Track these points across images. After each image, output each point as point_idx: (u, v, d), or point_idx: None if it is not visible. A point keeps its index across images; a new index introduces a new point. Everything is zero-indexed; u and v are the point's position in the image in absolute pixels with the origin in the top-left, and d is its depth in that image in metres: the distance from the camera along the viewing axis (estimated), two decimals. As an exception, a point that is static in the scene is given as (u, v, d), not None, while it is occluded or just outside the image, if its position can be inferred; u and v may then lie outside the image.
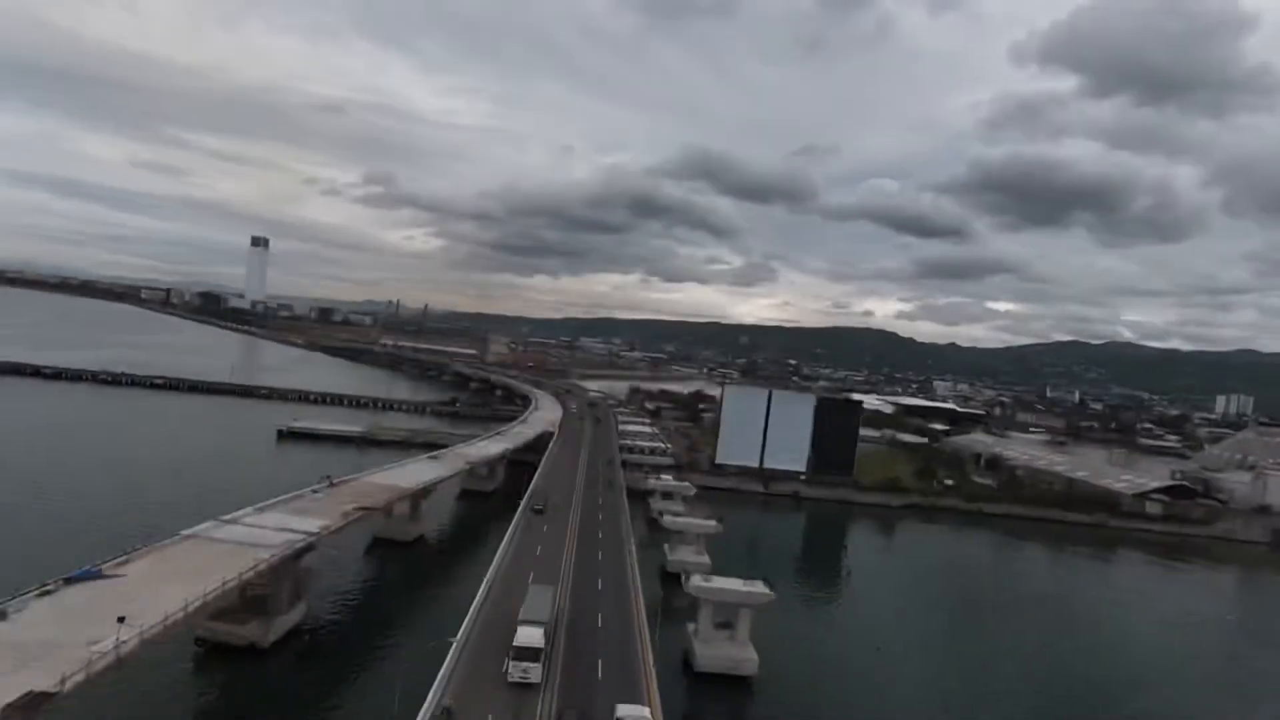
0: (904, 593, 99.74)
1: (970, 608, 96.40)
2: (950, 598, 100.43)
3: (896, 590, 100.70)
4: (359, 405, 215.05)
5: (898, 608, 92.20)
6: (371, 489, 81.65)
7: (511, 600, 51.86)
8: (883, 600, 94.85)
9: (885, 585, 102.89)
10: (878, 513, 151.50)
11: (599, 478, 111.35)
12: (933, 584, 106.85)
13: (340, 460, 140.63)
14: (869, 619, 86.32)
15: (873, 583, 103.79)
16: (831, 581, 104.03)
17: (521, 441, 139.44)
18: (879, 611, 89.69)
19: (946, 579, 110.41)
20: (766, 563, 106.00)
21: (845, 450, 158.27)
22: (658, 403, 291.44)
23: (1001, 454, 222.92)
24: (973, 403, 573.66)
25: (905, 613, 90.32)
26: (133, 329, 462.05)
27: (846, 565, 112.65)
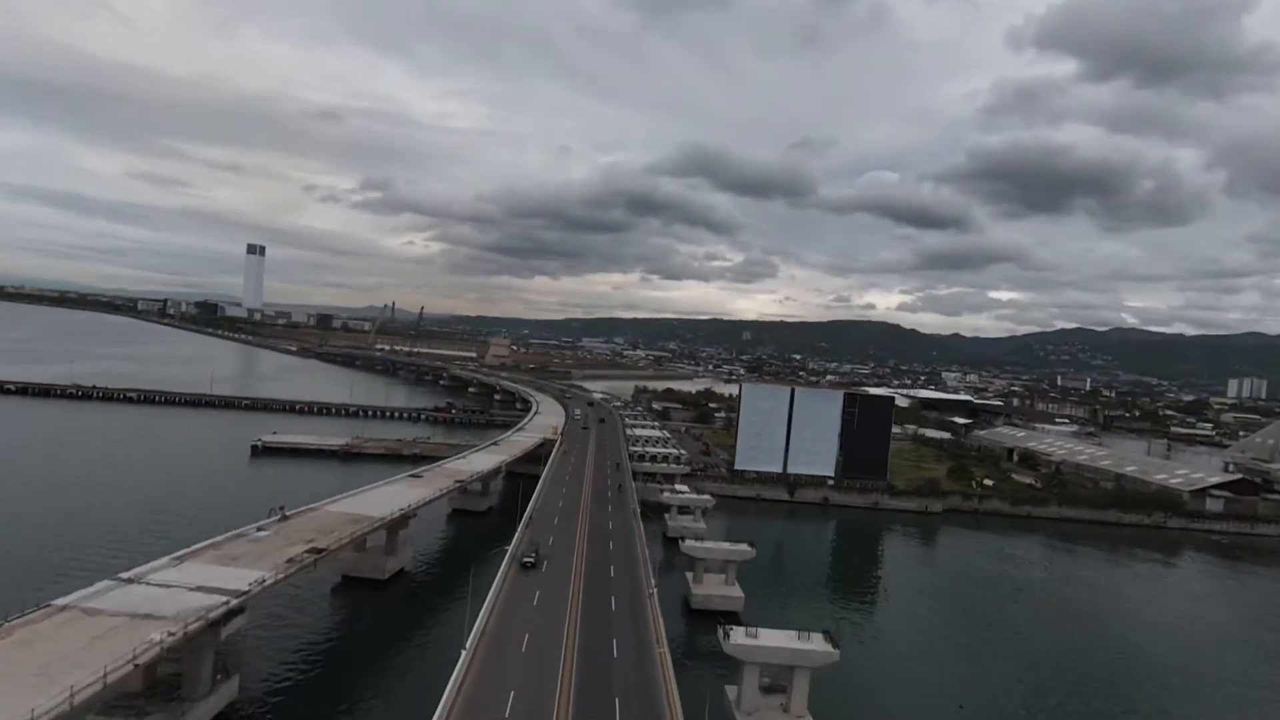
0: (968, 621, 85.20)
1: (1052, 643, 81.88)
2: (1022, 626, 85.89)
3: (959, 617, 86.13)
4: (348, 414, 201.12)
5: (965, 643, 77.73)
6: (334, 521, 67.41)
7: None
8: (947, 633, 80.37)
9: (945, 612, 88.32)
10: (915, 519, 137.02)
11: (607, 495, 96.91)
12: (998, 607, 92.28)
13: (319, 476, 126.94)
14: (938, 662, 71.87)
15: (932, 609, 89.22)
16: (883, 610, 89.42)
17: (520, 451, 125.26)
18: (947, 651, 75.24)
19: (1010, 599, 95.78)
20: (801, 587, 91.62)
21: (877, 451, 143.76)
22: (665, 403, 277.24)
23: (1035, 448, 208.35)
24: (985, 393, 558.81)
25: (976, 652, 75.83)
26: (124, 340, 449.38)
27: (893, 585, 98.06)
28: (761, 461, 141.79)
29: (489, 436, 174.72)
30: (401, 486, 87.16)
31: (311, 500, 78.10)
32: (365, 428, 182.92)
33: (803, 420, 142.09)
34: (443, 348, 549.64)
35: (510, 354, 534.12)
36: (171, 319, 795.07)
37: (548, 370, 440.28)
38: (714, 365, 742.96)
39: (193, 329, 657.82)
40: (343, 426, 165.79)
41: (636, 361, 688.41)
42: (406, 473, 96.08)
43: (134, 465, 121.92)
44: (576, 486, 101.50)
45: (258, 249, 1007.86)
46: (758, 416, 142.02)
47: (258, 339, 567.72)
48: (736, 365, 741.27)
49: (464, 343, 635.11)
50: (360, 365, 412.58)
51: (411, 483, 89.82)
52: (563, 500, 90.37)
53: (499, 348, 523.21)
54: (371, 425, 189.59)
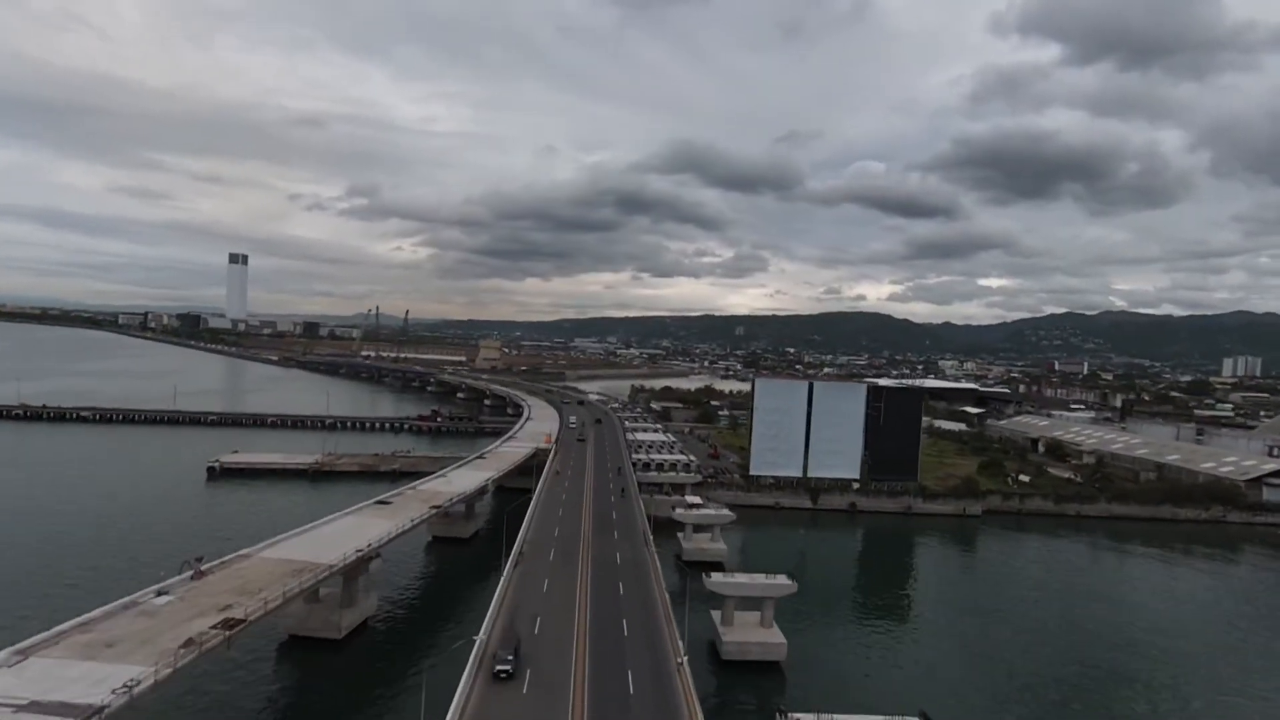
0: (1050, 652, 71.17)
1: (1139, 671, 67.94)
2: (1102, 653, 71.85)
3: (1039, 647, 72.06)
4: (323, 427, 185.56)
5: (1054, 679, 63.64)
6: (267, 573, 52.74)
7: None
8: (1032, 675, 66.26)
9: (1020, 643, 74.25)
10: (952, 524, 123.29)
11: (611, 517, 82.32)
12: (1069, 630, 78.17)
13: (282, 502, 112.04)
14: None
15: (1000, 638, 75.08)
16: (944, 641, 75.27)
17: (509, 465, 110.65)
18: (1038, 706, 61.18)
19: (1080, 616, 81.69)
20: (849, 621, 77.31)
21: (906, 450, 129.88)
22: (664, 402, 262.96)
23: (1062, 438, 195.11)
24: (986, 381, 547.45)
25: (1063, 700, 61.77)
26: (96, 356, 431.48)
27: (954, 610, 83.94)
28: (779, 465, 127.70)
29: (478, 446, 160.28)
30: (365, 517, 72.43)
31: (267, 534, 63.81)
32: (342, 441, 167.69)
33: (823, 418, 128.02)
34: (432, 352, 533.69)
35: (501, 356, 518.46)
36: (153, 332, 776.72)
37: (540, 372, 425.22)
38: (709, 362, 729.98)
39: (173, 342, 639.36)
40: (316, 441, 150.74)
41: (631, 360, 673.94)
42: (375, 498, 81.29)
43: (64, 497, 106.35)
44: (575, 507, 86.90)
45: (240, 258, 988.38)
46: (773, 415, 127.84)
47: (240, 350, 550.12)
48: (733, 361, 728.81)
49: (453, 347, 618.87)
50: (345, 374, 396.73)
51: (378, 512, 75.09)
52: (559, 526, 75.86)
53: (489, 350, 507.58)
54: (349, 438, 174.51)
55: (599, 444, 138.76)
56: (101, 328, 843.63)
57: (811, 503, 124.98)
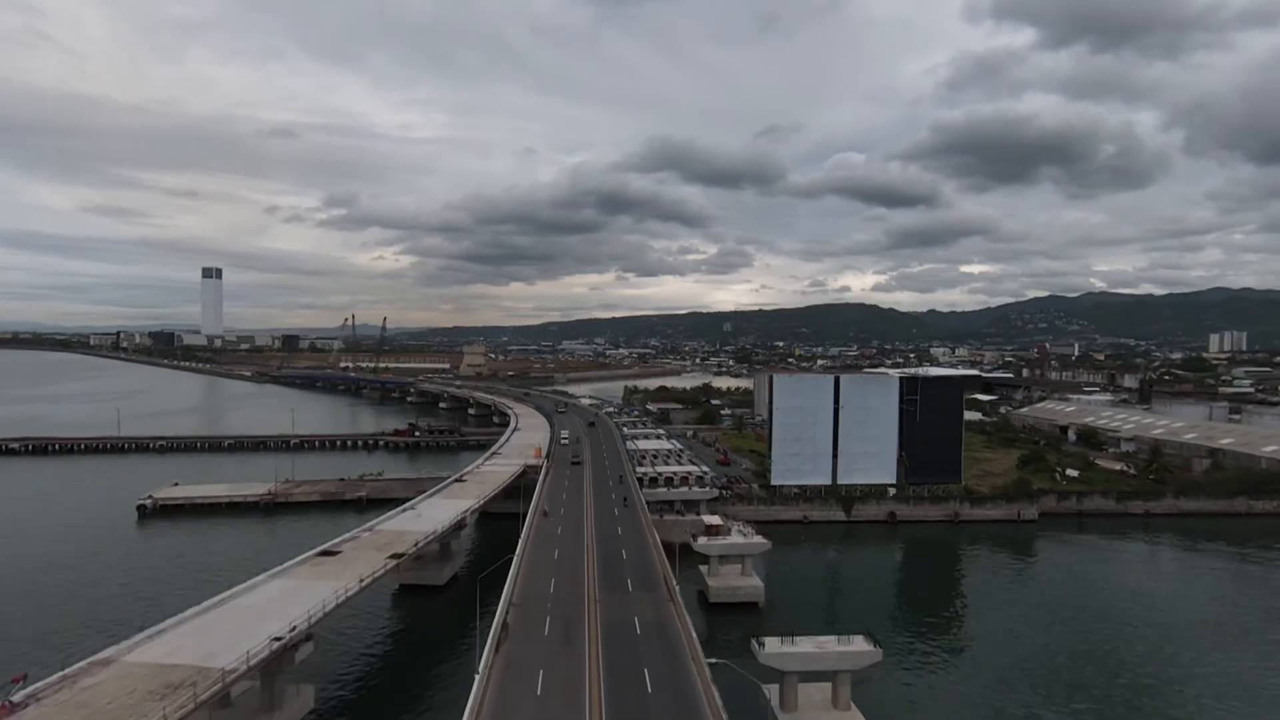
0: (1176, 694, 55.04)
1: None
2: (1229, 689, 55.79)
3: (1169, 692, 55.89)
4: (287, 448, 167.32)
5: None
6: (124, 698, 35.35)
7: None
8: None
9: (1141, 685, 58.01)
10: (1006, 530, 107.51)
11: (620, 560, 65.05)
12: (1186, 655, 62.19)
13: (227, 542, 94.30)
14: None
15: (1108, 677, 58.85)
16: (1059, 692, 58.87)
17: (493, 488, 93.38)
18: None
19: (1192, 638, 65.77)
20: (932, 679, 60.56)
21: (948, 448, 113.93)
22: (661, 403, 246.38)
23: (1095, 424, 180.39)
24: (982, 366, 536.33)
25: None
26: (57, 379, 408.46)
27: (1052, 649, 67.61)
28: (804, 473, 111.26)
29: (460, 462, 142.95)
30: (300, 578, 55.05)
31: (198, 592, 47.21)
32: (307, 463, 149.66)
33: (852, 416, 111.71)
34: (414, 361, 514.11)
35: (486, 362, 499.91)
36: (125, 352, 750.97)
37: (528, 377, 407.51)
38: (701, 358, 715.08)
39: (144, 361, 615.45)
40: (277, 465, 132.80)
41: (620, 361, 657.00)
42: (318, 548, 63.81)
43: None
44: (574, 544, 69.76)
45: (213, 272, 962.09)
46: (795, 416, 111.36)
47: (213, 367, 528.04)
48: (725, 357, 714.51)
49: (437, 354, 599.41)
50: (321, 387, 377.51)
51: (319, 568, 57.75)
52: (555, 576, 58.76)
53: (474, 356, 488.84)
54: (314, 460, 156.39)
55: (596, 458, 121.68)
56: (72, 349, 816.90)
57: (845, 514, 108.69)
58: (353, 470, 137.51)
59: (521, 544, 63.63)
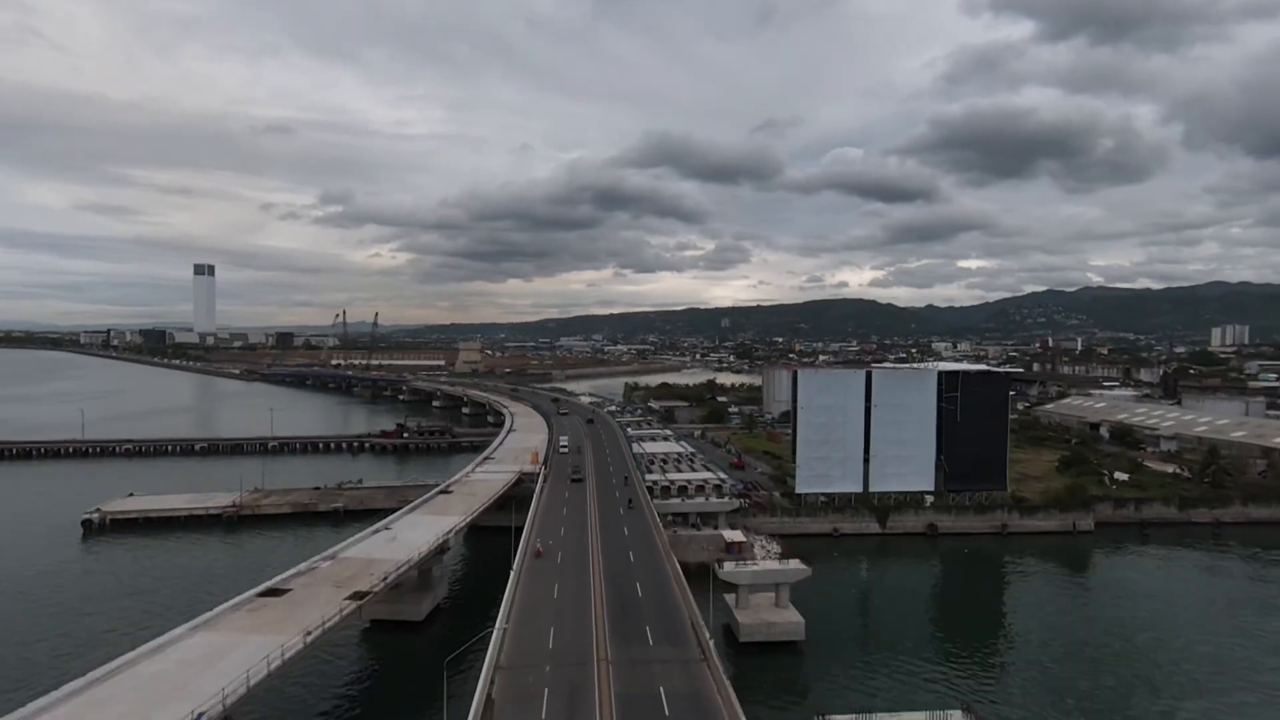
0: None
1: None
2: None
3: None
4: (264, 451, 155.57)
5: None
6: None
7: None
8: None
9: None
10: (1059, 543, 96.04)
11: (635, 605, 53.01)
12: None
13: (181, 564, 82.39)
14: None
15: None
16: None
17: (483, 501, 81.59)
18: None
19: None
20: None
21: (992, 451, 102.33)
22: (664, 401, 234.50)
23: (1129, 421, 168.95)
24: (988, 361, 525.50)
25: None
26: (41, 378, 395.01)
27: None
28: (833, 480, 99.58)
29: (453, 466, 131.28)
30: (232, 631, 43.16)
31: (132, 636, 36.27)
32: (285, 468, 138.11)
33: (886, 416, 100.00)
34: (409, 357, 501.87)
35: (483, 359, 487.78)
36: (116, 350, 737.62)
37: (525, 374, 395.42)
38: (701, 354, 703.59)
39: (132, 359, 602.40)
40: (251, 471, 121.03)
41: (619, 357, 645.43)
42: (264, 584, 51.94)
43: None
44: (579, 580, 57.94)
45: (205, 269, 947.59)
46: (822, 416, 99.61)
47: (203, 365, 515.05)
48: (725, 353, 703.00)
49: (432, 351, 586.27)
50: (311, 385, 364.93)
51: (258, 613, 45.91)
52: (555, 625, 46.87)
53: (469, 353, 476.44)
54: (293, 464, 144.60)
55: (599, 464, 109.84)
56: (62, 348, 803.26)
57: (879, 526, 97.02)
58: (334, 476, 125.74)
59: (512, 582, 51.57)
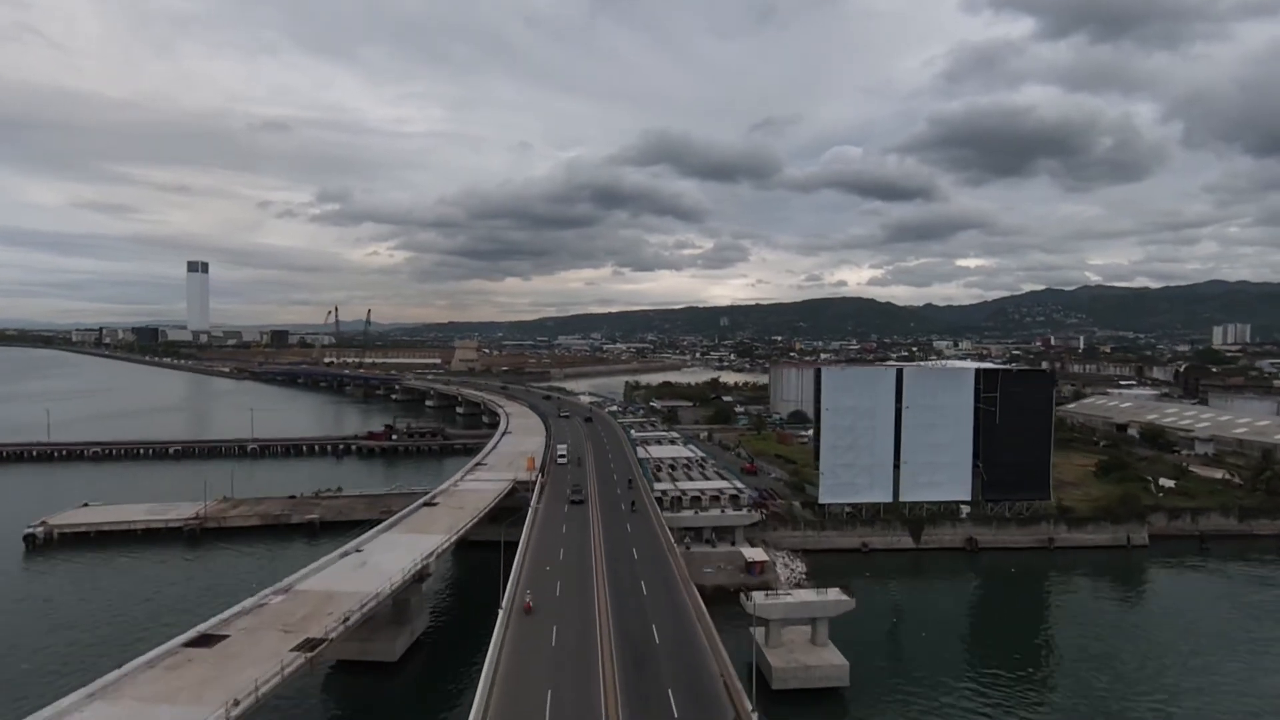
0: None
1: None
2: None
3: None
4: (242, 453, 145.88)
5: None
6: None
7: None
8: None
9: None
10: (1112, 558, 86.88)
11: (651, 656, 43.18)
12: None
13: (130, 589, 72.56)
14: None
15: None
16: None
17: (471, 515, 72.05)
18: None
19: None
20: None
21: (1034, 457, 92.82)
22: (667, 401, 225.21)
23: (1161, 422, 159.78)
24: (992, 360, 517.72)
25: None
26: (18, 377, 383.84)
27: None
28: (859, 489, 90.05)
29: (445, 470, 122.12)
30: (130, 708, 33.56)
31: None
32: (264, 473, 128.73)
33: (918, 418, 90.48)
34: (404, 356, 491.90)
35: (479, 357, 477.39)
36: (108, 348, 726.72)
37: (523, 372, 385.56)
38: (701, 353, 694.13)
39: (124, 357, 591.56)
40: (225, 476, 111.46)
41: (618, 355, 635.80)
42: (190, 631, 42.32)
43: None
44: (583, 621, 48.41)
45: (199, 266, 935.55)
46: (848, 419, 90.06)
47: (194, 363, 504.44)
48: (725, 351, 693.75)
49: (428, 349, 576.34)
50: (302, 383, 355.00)
51: (171, 680, 36.23)
52: (552, 691, 37.24)
53: (465, 351, 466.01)
54: (272, 469, 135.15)
55: (601, 473, 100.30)
56: (54, 345, 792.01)
57: (913, 540, 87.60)
58: (315, 482, 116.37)
59: (496, 643, 41.52)
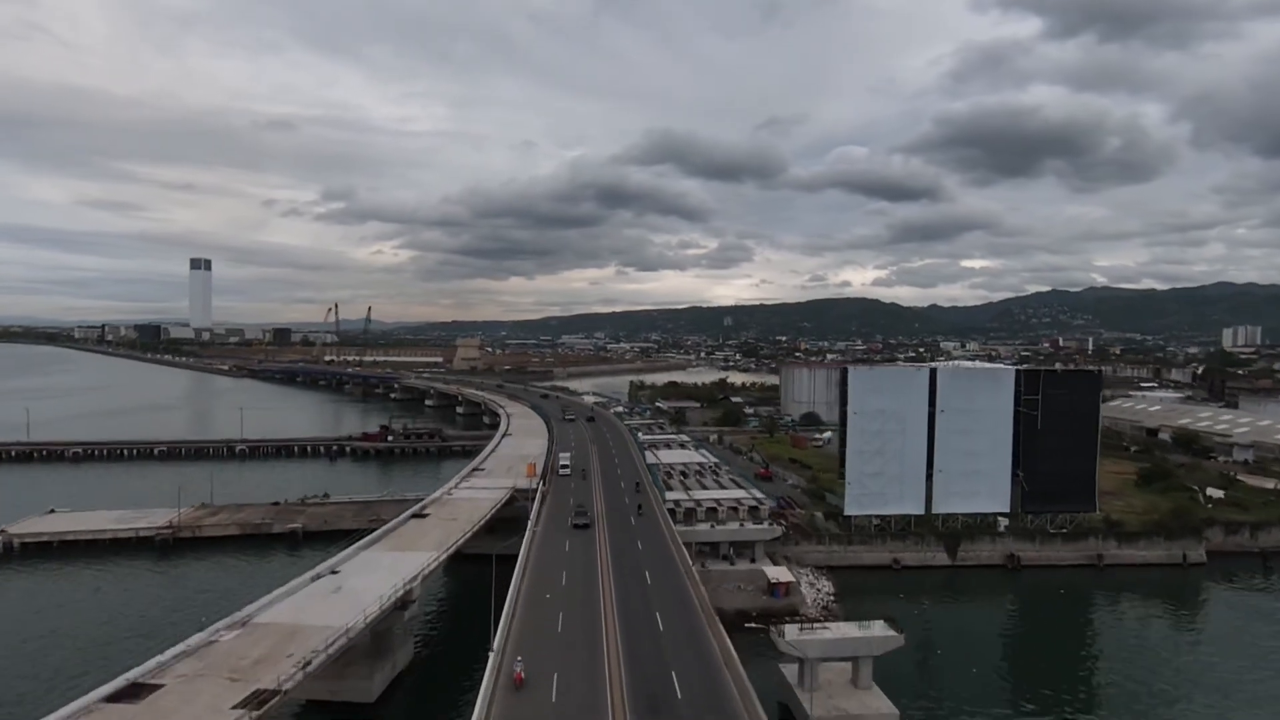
0: None
1: None
2: None
3: None
4: (230, 455, 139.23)
5: None
6: None
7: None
8: None
9: None
10: (1167, 576, 79.47)
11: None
12: None
13: (84, 609, 65.68)
14: None
15: None
16: None
17: (463, 530, 64.93)
18: None
19: None
20: None
21: (1080, 464, 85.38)
22: (674, 401, 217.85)
23: (1193, 426, 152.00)
24: (1002, 360, 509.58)
25: None
26: (12, 374, 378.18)
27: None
28: (889, 499, 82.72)
29: (443, 473, 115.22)
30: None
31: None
32: (250, 476, 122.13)
33: (953, 423, 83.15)
34: (406, 354, 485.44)
35: (482, 356, 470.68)
36: (110, 345, 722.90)
37: (526, 371, 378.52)
38: (705, 353, 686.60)
39: (125, 355, 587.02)
40: (204, 479, 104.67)
41: (622, 355, 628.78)
42: (122, 676, 35.29)
43: None
44: (589, 663, 41.29)
45: (202, 264, 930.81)
46: (877, 421, 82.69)
47: (194, 361, 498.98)
48: (729, 351, 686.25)
49: (430, 348, 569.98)
50: (301, 382, 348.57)
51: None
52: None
53: (468, 350, 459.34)
54: (261, 471, 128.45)
55: (608, 485, 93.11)
56: (57, 343, 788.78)
57: (948, 556, 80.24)
58: (304, 486, 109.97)
59: (485, 696, 34.30)
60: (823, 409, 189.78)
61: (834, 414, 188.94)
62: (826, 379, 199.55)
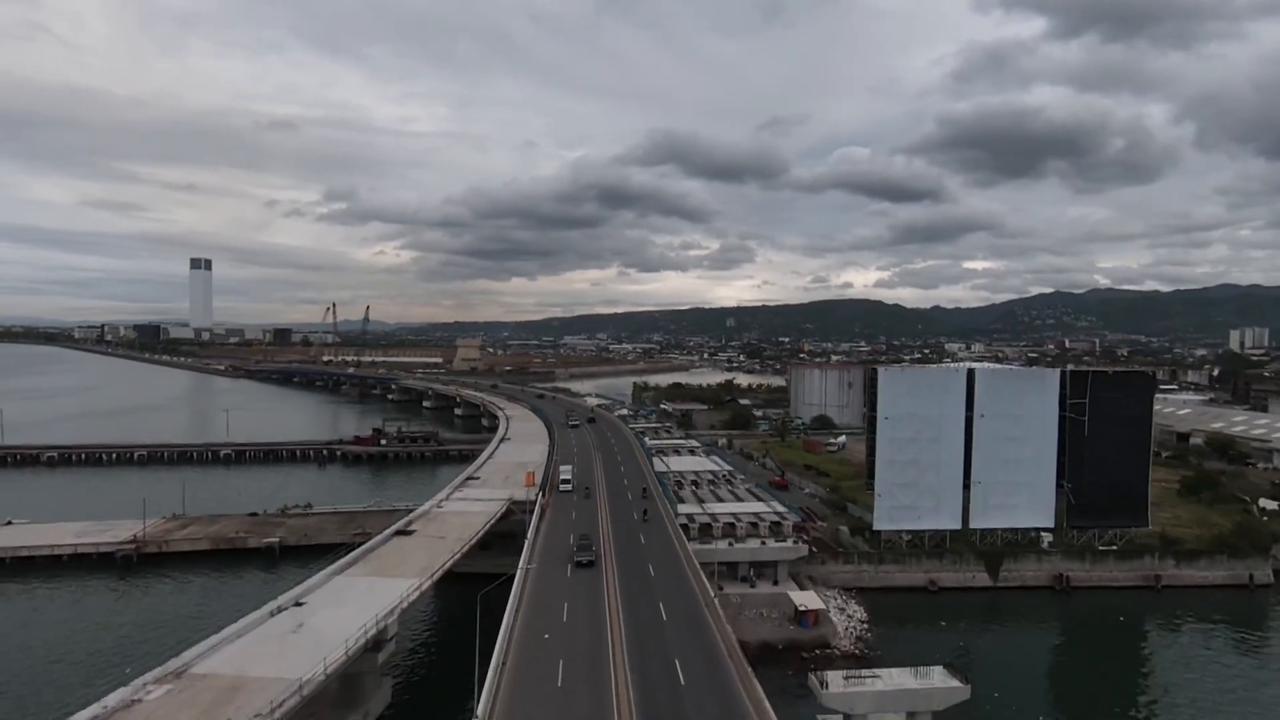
0: None
1: None
2: None
3: None
4: (214, 459, 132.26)
5: None
6: None
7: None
8: None
9: None
10: (1231, 598, 71.97)
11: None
12: None
13: (37, 643, 58.43)
14: None
15: None
16: None
17: (451, 551, 57.58)
18: None
19: None
20: None
21: (1131, 474, 77.95)
22: (679, 403, 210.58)
23: (1227, 431, 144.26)
24: (1008, 361, 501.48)
25: None
26: (13, 373, 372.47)
27: None
28: (923, 513, 75.27)
29: (439, 479, 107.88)
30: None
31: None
32: (235, 481, 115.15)
33: (993, 429, 75.72)
34: (405, 354, 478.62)
35: (482, 357, 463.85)
36: (110, 345, 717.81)
37: (527, 372, 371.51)
38: (708, 353, 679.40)
39: (123, 355, 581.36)
40: (177, 487, 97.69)
41: (625, 356, 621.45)
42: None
43: None
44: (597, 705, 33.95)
45: (202, 263, 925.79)
46: (909, 428, 75.29)
47: (192, 361, 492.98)
48: (733, 352, 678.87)
49: (431, 348, 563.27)
50: (298, 382, 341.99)
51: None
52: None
53: (468, 350, 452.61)
54: (245, 477, 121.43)
55: (614, 497, 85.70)
56: (57, 343, 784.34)
57: (990, 577, 72.75)
58: (292, 492, 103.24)
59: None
60: (834, 412, 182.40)
61: (845, 417, 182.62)
62: (838, 380, 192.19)
